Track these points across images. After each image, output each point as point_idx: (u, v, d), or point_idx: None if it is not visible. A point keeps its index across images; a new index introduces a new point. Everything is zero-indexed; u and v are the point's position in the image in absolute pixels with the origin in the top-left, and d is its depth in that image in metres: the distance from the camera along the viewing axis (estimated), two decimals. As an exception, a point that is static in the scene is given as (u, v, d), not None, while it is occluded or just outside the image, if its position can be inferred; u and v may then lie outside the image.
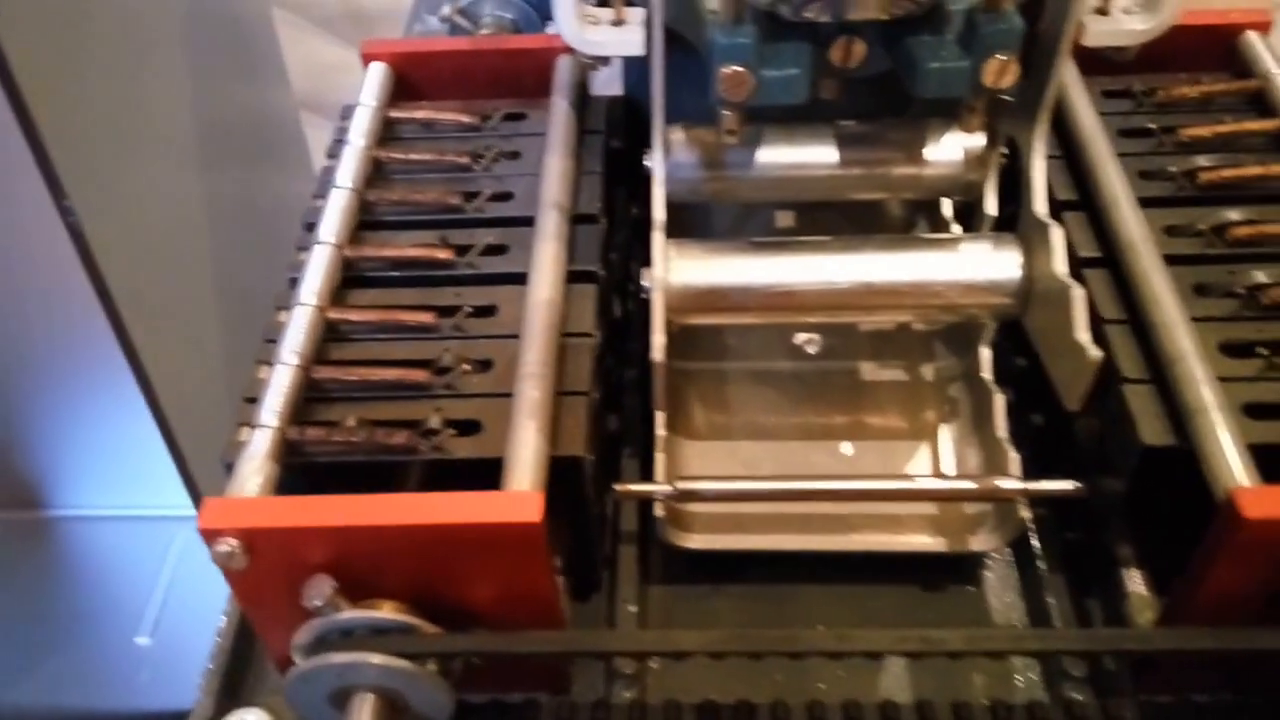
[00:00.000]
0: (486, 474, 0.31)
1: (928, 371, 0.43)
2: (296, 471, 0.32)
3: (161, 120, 0.76)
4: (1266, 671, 0.31)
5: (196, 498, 0.63)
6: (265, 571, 0.30)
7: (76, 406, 0.83)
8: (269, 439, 0.32)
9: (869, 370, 0.44)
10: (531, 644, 0.31)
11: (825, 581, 0.38)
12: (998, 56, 0.33)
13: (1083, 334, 0.33)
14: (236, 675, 0.35)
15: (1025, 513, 0.37)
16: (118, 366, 0.77)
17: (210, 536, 0.29)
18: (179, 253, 0.80)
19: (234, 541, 0.29)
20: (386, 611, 0.30)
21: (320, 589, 0.30)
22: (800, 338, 0.44)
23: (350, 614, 0.30)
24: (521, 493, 0.30)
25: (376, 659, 0.30)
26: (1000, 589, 0.39)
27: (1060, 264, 0.35)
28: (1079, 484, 0.36)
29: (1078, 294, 0.34)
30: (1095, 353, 0.33)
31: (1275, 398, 0.32)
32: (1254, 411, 0.32)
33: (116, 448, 0.87)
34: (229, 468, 0.31)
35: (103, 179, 0.67)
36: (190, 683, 0.81)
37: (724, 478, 0.39)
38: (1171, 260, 0.36)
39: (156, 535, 0.91)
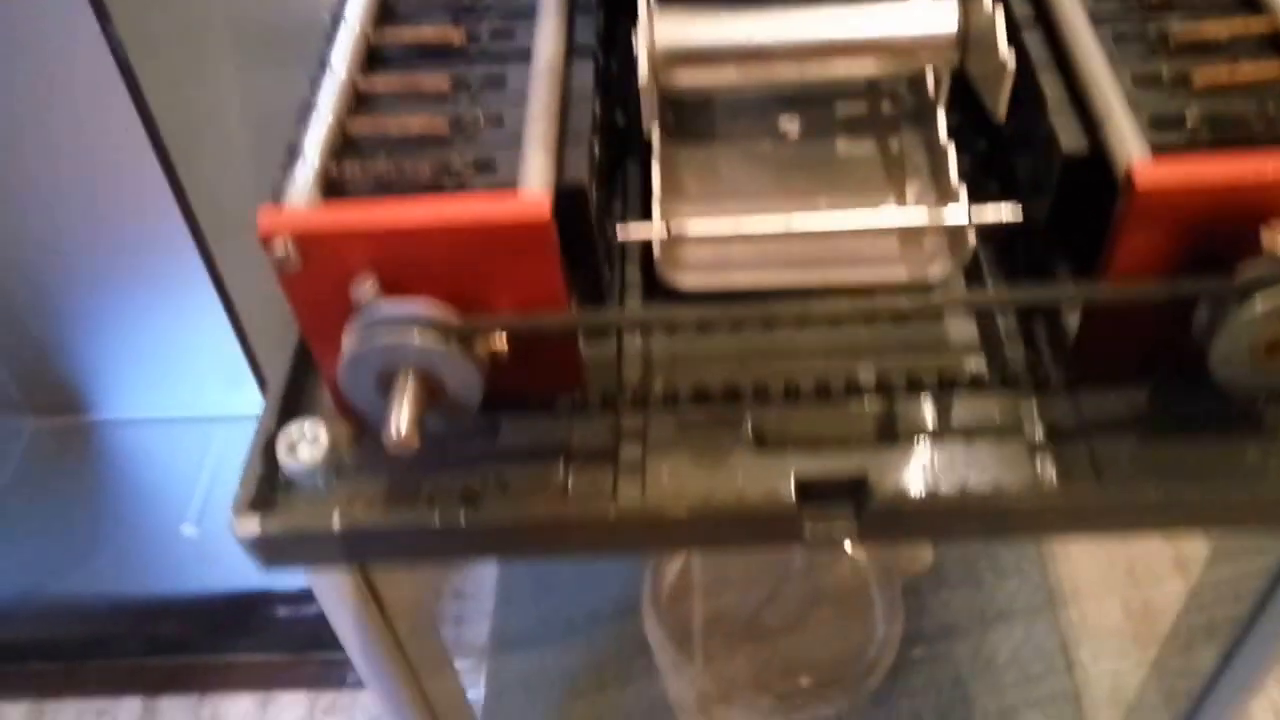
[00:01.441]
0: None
1: (894, 143, 0.49)
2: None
3: (220, 21, 0.80)
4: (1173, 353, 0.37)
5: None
6: (315, 273, 0.36)
7: (135, 310, 0.88)
8: (311, 173, 0.37)
9: (843, 146, 0.49)
10: (541, 322, 0.36)
11: (809, 314, 0.44)
12: None
13: (1001, 48, 0.39)
14: (294, 398, 0.41)
15: (973, 242, 0.43)
16: (195, 268, 0.81)
17: (267, 241, 0.35)
18: (239, 146, 0.84)
19: (287, 243, 0.35)
20: (422, 303, 0.36)
21: (364, 284, 0.36)
22: (782, 122, 0.50)
23: (390, 307, 0.36)
24: (532, 196, 0.36)
25: (415, 339, 0.35)
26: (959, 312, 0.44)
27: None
28: (1016, 207, 0.42)
29: (999, 13, 0.39)
30: (1011, 62, 0.38)
31: (1176, 110, 0.38)
32: (1156, 123, 0.37)
33: (165, 351, 0.91)
34: (275, 197, 0.37)
35: (177, 83, 0.71)
36: (236, 565, 0.88)
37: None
38: (1096, 19, 0.41)
39: (196, 436, 0.96)
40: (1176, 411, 0.39)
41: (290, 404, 0.41)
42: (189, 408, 0.99)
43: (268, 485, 0.38)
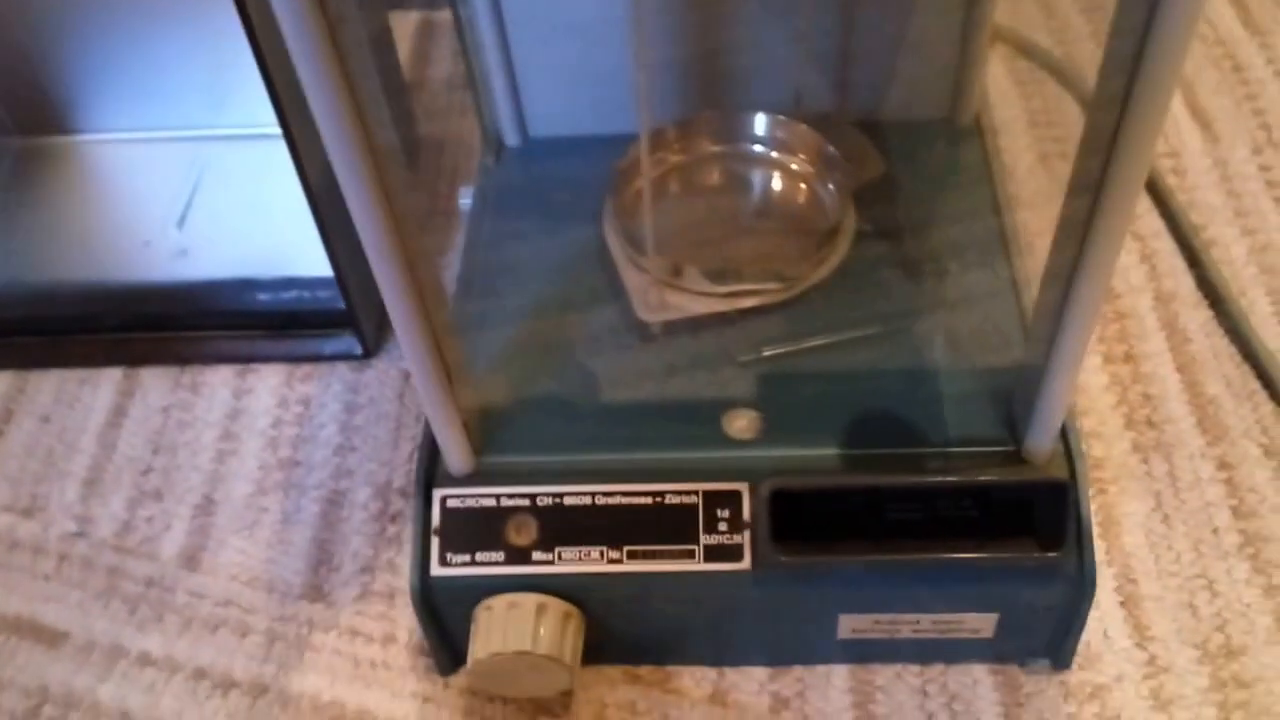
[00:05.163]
0: None
1: None
2: None
3: None
4: None
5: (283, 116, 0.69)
6: None
7: (120, 24, 0.89)
8: None
9: None
10: None
11: None
12: None
13: None
14: None
15: None
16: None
17: None
18: None
19: None
20: None
21: None
22: None
23: None
24: None
25: None
26: None
27: None
28: None
29: None
30: None
31: None
32: None
33: (151, 68, 0.93)
34: None
35: None
36: (220, 259, 0.90)
37: None
38: None
39: (182, 152, 0.99)
40: None
41: None
42: (174, 126, 1.01)
43: None
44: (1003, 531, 0.62)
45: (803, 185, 0.74)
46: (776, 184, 0.75)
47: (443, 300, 0.59)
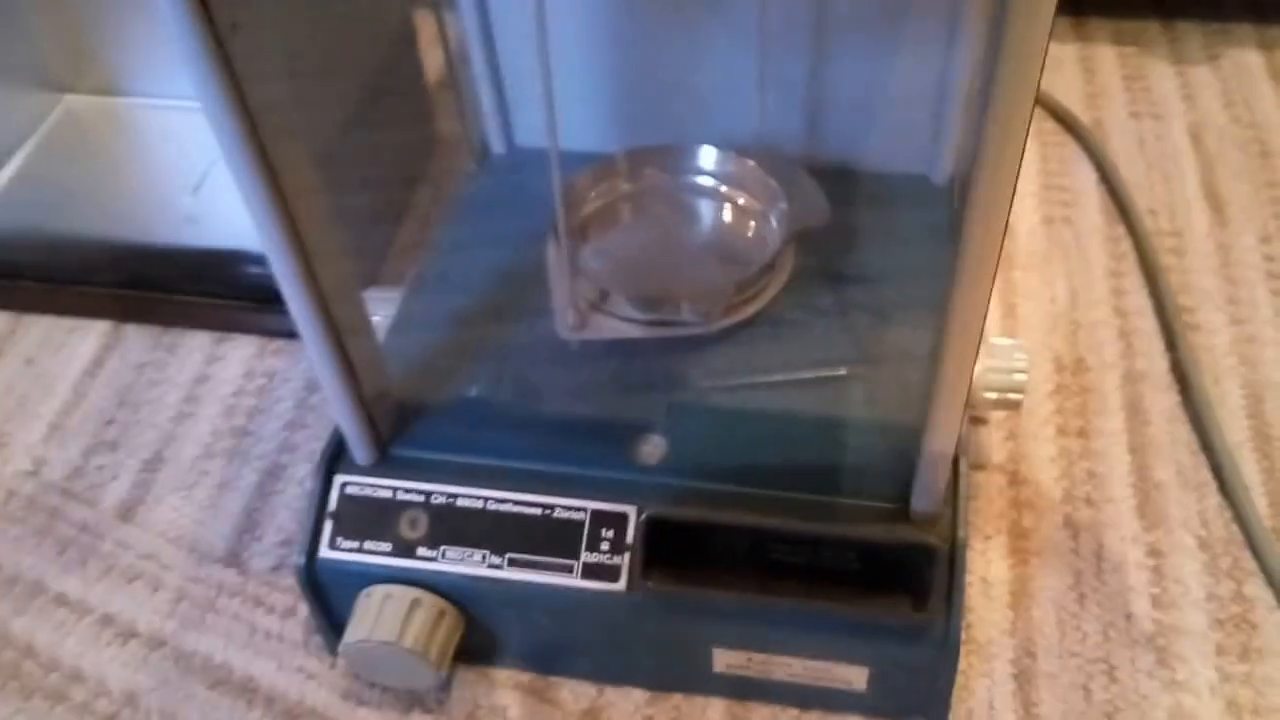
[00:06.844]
0: None
1: None
2: None
3: None
4: None
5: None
6: None
7: None
8: None
9: None
10: None
11: None
12: None
13: None
14: None
15: None
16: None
17: None
18: None
19: None
20: None
21: None
22: None
23: None
24: None
25: None
26: None
27: None
28: None
29: None
30: None
31: None
32: None
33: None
34: None
35: None
36: (220, 229, 0.93)
37: None
38: None
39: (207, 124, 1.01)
40: None
41: None
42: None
43: None
44: (882, 587, 0.62)
45: (745, 224, 0.75)
46: (716, 220, 0.76)
47: (350, 295, 0.61)
